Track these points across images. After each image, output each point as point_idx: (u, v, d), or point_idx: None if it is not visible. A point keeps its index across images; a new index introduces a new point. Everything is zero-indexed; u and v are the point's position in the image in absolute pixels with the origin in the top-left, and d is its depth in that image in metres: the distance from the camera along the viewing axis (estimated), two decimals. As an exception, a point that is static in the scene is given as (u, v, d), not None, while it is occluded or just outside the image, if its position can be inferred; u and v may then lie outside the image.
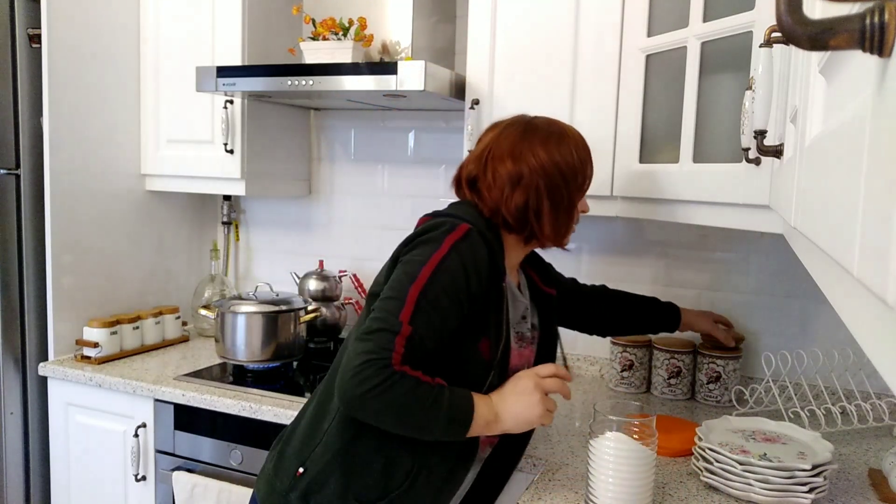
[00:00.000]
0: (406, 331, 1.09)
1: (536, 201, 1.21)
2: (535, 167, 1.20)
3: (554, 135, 1.24)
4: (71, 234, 2.06)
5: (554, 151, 1.22)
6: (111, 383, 1.92)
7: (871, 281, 0.31)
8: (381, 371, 1.06)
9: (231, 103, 2.08)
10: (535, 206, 1.21)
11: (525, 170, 1.21)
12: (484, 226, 1.19)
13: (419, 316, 1.10)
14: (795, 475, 1.22)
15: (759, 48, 0.94)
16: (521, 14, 1.75)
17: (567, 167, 1.23)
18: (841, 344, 1.77)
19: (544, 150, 1.22)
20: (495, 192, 1.22)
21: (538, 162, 1.21)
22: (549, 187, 1.21)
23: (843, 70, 0.46)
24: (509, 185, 1.21)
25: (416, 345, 1.09)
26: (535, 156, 1.21)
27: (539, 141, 1.23)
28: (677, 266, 1.99)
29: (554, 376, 1.21)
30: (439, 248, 1.13)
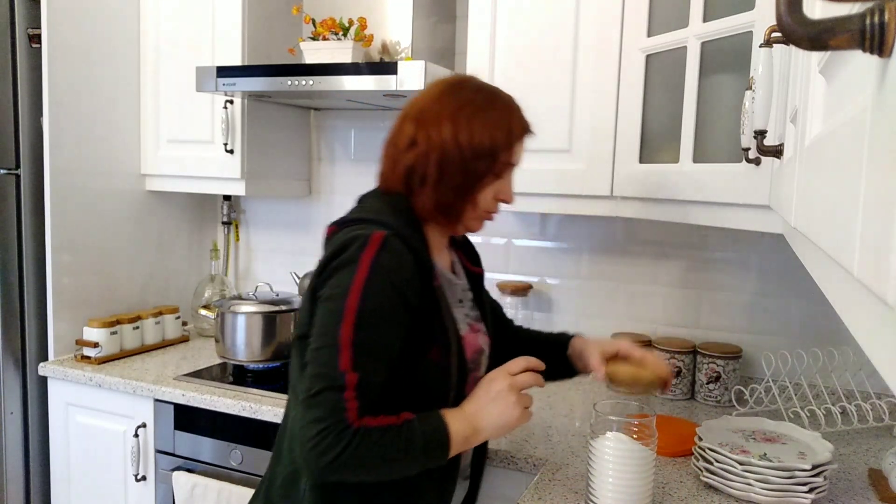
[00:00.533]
0: (352, 380, 0.99)
1: (424, 170, 1.10)
2: (435, 141, 1.09)
3: (472, 105, 1.11)
4: (71, 234, 2.06)
5: (462, 128, 1.09)
6: (111, 383, 1.92)
7: (871, 281, 0.30)
8: (340, 436, 0.97)
9: (231, 103, 2.08)
10: (422, 175, 1.10)
11: (422, 137, 1.10)
12: (401, 221, 1.09)
13: (360, 358, 1.00)
14: (795, 475, 1.22)
15: (759, 48, 0.94)
16: (521, 14, 1.75)
17: (471, 149, 1.09)
18: (841, 344, 1.77)
19: (451, 124, 1.09)
20: (393, 150, 1.14)
21: (438, 137, 1.09)
22: (442, 163, 1.09)
23: (843, 70, 0.46)
24: (405, 145, 1.11)
25: (368, 389, 1.00)
26: (439, 128, 1.09)
27: (451, 111, 1.10)
28: (677, 266, 1.99)
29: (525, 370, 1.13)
30: (358, 272, 1.00)
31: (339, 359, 0.99)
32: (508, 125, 1.13)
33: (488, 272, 2.25)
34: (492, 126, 1.11)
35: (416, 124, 1.11)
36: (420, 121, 1.11)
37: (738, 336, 1.92)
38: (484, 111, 1.11)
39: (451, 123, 1.09)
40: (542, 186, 1.75)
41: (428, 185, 1.10)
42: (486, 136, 1.10)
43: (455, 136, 1.09)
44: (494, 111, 1.12)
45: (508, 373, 1.13)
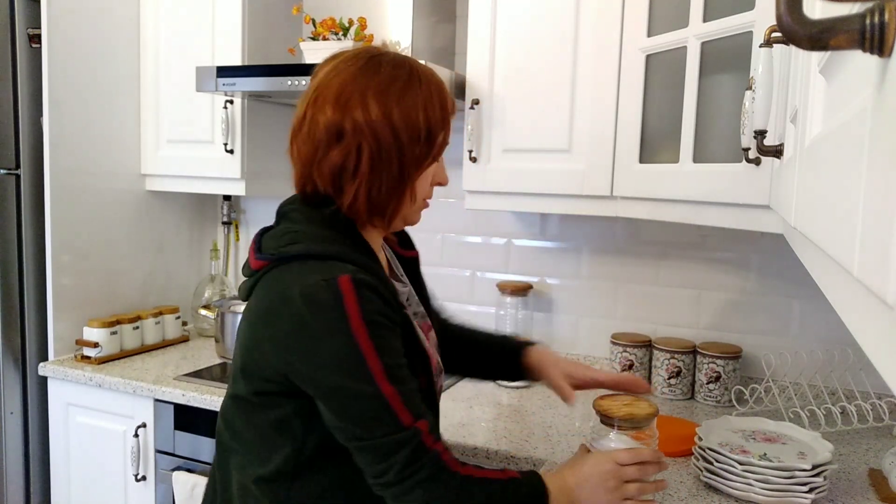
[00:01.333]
0: (423, 425, 0.93)
1: (355, 165, 0.95)
2: (361, 123, 0.93)
3: (399, 80, 0.96)
4: (71, 234, 2.06)
5: (392, 105, 0.94)
6: (111, 383, 1.92)
7: (871, 281, 0.31)
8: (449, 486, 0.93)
9: (231, 103, 2.08)
10: (353, 170, 0.95)
11: (348, 123, 0.94)
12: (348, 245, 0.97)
13: (412, 403, 0.93)
14: (795, 475, 1.22)
15: (759, 48, 0.94)
16: (522, 14, 1.75)
17: (405, 129, 0.95)
18: (841, 344, 1.77)
19: (379, 101, 0.94)
20: (309, 146, 0.97)
21: (366, 116, 0.93)
22: (375, 150, 0.94)
23: (843, 70, 0.46)
24: (327, 137, 0.95)
25: (434, 425, 0.96)
26: (365, 107, 0.94)
27: (375, 87, 0.95)
28: (677, 266, 1.99)
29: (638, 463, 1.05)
30: (351, 328, 0.89)
31: (399, 419, 0.91)
32: (441, 101, 0.99)
33: (489, 272, 2.27)
34: (425, 104, 0.96)
35: (336, 111, 0.94)
36: (341, 106, 0.94)
37: (738, 336, 1.92)
38: (413, 88, 0.96)
39: (380, 105, 0.94)
40: (542, 186, 1.75)
41: (359, 180, 0.95)
42: (420, 115, 0.96)
43: (388, 120, 0.94)
44: (423, 86, 0.97)
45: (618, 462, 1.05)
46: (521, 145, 1.77)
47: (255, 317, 0.97)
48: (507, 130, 1.78)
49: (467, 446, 1.53)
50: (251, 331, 0.97)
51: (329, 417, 0.94)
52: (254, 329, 0.97)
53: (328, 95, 0.96)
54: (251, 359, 0.98)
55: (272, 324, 0.94)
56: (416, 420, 0.92)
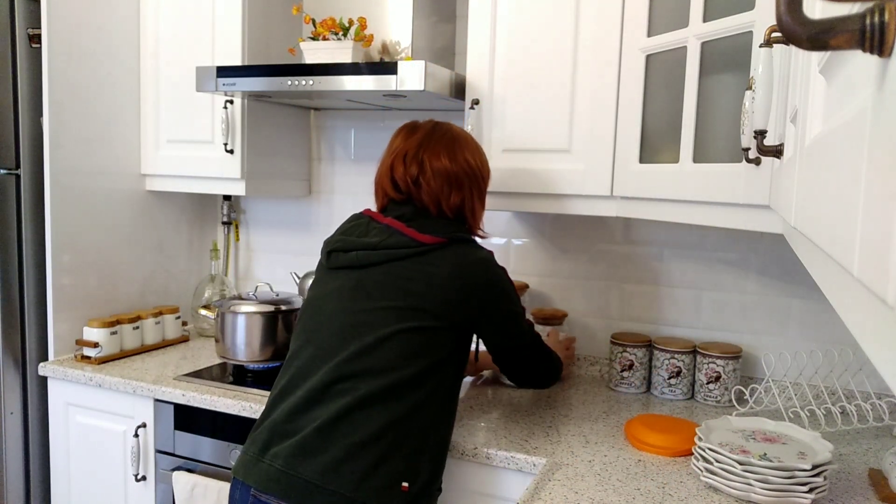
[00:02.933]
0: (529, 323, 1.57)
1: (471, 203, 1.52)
2: (476, 178, 1.52)
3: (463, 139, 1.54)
4: (71, 234, 2.06)
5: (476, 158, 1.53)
6: (111, 383, 1.92)
7: (871, 281, 0.31)
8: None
9: (231, 103, 2.08)
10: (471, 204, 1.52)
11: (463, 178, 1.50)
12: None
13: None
14: (795, 475, 1.22)
15: (759, 48, 0.94)
16: (522, 14, 1.75)
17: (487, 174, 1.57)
18: (841, 344, 1.77)
19: (473, 156, 1.52)
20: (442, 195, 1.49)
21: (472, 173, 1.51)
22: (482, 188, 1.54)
23: (843, 70, 0.46)
24: (452, 186, 1.48)
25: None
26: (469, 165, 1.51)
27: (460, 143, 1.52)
28: (677, 266, 1.99)
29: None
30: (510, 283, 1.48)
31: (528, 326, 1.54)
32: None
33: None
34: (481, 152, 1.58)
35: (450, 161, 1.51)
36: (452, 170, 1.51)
37: (738, 336, 1.92)
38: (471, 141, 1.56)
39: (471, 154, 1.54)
40: (542, 186, 1.75)
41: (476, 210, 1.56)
42: (485, 160, 1.57)
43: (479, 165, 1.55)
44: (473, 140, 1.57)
45: None
46: (521, 145, 1.77)
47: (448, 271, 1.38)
48: (507, 130, 1.78)
49: (467, 446, 1.53)
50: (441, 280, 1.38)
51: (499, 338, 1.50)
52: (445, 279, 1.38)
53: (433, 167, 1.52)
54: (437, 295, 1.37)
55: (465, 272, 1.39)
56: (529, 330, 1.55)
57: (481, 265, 1.41)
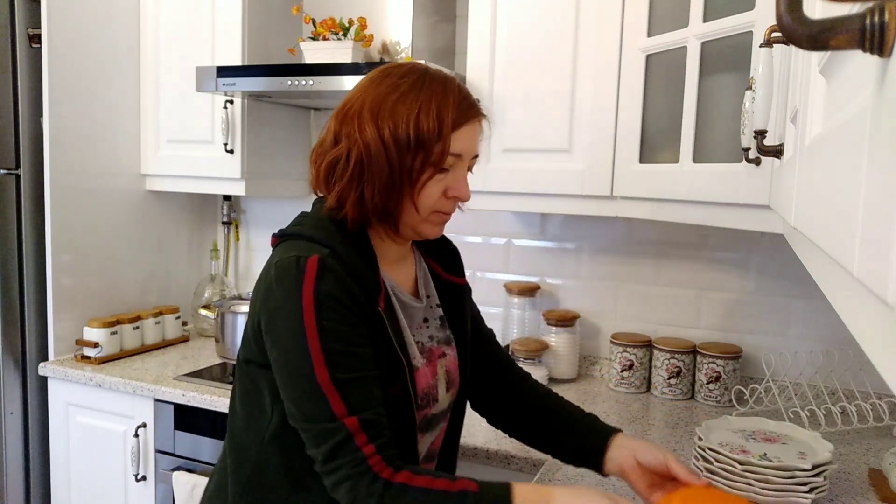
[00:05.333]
0: (353, 424, 0.90)
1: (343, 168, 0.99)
2: (353, 137, 0.97)
3: (397, 90, 0.98)
4: (71, 233, 2.06)
5: (384, 120, 0.96)
6: (111, 383, 1.92)
7: (871, 281, 0.30)
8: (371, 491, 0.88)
9: (231, 103, 2.08)
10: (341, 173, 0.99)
11: (343, 133, 0.99)
12: (339, 238, 0.99)
13: (349, 395, 0.91)
14: (795, 475, 1.22)
15: (759, 48, 0.94)
16: (521, 14, 1.75)
17: (395, 141, 0.96)
18: (841, 344, 1.77)
19: (371, 113, 0.97)
20: (319, 147, 1.04)
21: (359, 129, 0.97)
22: (363, 159, 0.97)
23: (843, 70, 0.46)
24: (329, 145, 1.01)
25: (374, 423, 0.91)
26: (360, 120, 0.97)
27: (372, 101, 0.98)
28: (677, 266, 1.99)
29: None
30: (303, 304, 0.91)
31: (329, 406, 0.90)
32: (439, 112, 0.97)
33: (489, 272, 2.26)
34: (419, 112, 0.96)
35: (338, 120, 1.00)
36: (342, 116, 1.00)
37: (738, 336, 1.92)
38: (409, 97, 0.97)
39: (372, 115, 0.97)
40: (542, 186, 1.75)
41: (350, 184, 0.98)
42: (412, 125, 0.96)
43: (376, 129, 0.96)
44: (422, 96, 0.97)
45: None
46: (521, 145, 1.77)
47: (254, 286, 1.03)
48: (507, 130, 1.78)
49: (467, 446, 1.53)
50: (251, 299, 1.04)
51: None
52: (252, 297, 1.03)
53: (338, 108, 1.02)
54: (246, 325, 1.05)
55: (255, 292, 1.01)
56: (349, 414, 0.90)
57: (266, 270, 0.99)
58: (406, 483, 0.89)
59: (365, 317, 0.96)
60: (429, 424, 1.09)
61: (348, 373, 0.92)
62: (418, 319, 1.10)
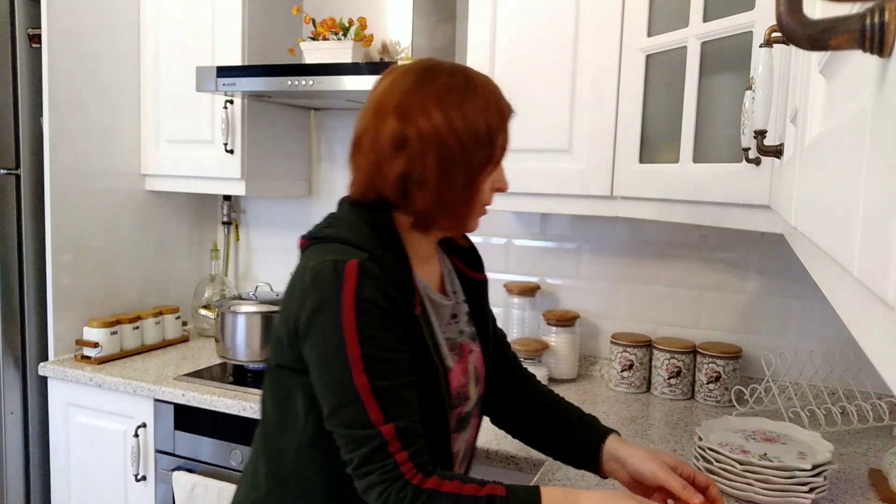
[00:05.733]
0: (389, 432, 0.90)
1: (421, 173, 0.96)
2: (429, 136, 0.95)
3: (456, 88, 0.98)
4: (71, 234, 2.06)
5: (452, 112, 0.96)
6: (111, 383, 1.92)
7: (871, 281, 0.31)
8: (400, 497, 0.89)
9: (231, 103, 2.08)
10: (420, 179, 0.96)
11: (412, 132, 0.95)
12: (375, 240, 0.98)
13: (387, 403, 0.91)
14: (796, 475, 1.22)
15: (759, 48, 0.94)
16: (522, 14, 1.75)
17: (468, 134, 0.96)
18: (841, 344, 1.77)
19: (440, 108, 0.96)
20: (372, 155, 0.98)
21: (430, 124, 0.95)
22: (441, 158, 0.95)
23: (843, 70, 0.46)
24: (391, 146, 0.96)
25: (410, 431, 0.92)
26: (427, 115, 0.95)
27: (435, 95, 0.96)
28: (677, 266, 1.99)
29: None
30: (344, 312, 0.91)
31: (367, 414, 0.91)
32: (497, 105, 1.01)
33: (489, 272, 2.25)
34: (483, 109, 0.98)
35: (399, 120, 0.96)
36: (403, 115, 0.96)
37: (738, 336, 1.92)
38: (470, 94, 0.98)
39: (441, 112, 0.95)
40: (543, 186, 1.75)
41: (429, 187, 0.97)
42: (480, 120, 0.97)
43: (450, 126, 0.95)
44: (479, 92, 0.99)
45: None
46: (521, 145, 1.77)
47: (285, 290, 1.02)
48: (507, 130, 1.78)
49: (467, 446, 1.53)
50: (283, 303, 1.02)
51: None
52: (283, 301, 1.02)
53: (389, 106, 0.98)
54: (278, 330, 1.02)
55: (289, 295, 0.99)
56: (385, 421, 0.91)
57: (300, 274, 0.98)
58: (436, 489, 0.90)
59: (402, 321, 0.96)
60: (462, 423, 1.10)
61: (387, 380, 0.92)
62: (447, 316, 1.11)
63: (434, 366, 1.00)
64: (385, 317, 0.93)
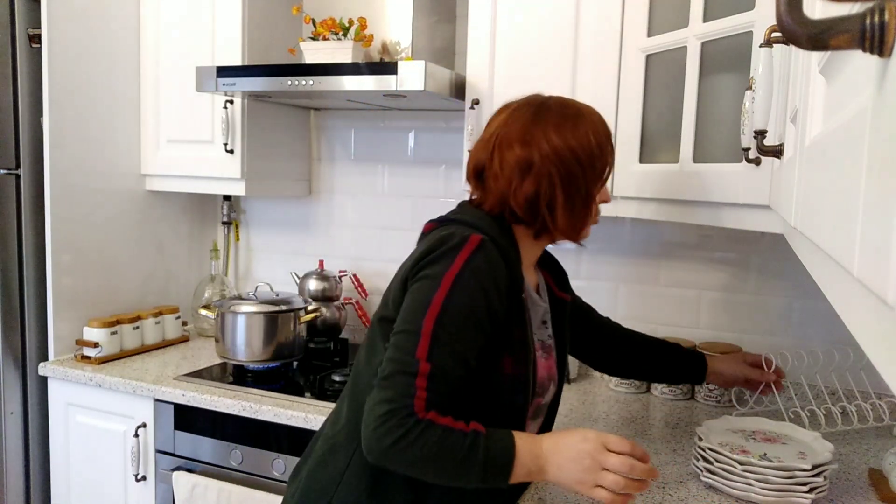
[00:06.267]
0: (425, 369, 0.99)
1: (549, 191, 1.10)
2: (548, 153, 1.09)
3: (570, 117, 1.12)
4: (71, 234, 2.06)
5: (569, 135, 1.10)
6: (111, 383, 1.92)
7: (871, 281, 0.31)
8: (404, 421, 0.97)
9: (231, 103, 2.08)
10: (548, 196, 1.10)
11: (536, 156, 1.09)
12: (497, 231, 1.10)
13: (438, 349, 1.00)
14: (795, 475, 1.22)
15: (759, 48, 0.94)
16: (522, 14, 1.75)
17: (584, 153, 1.11)
18: (841, 344, 1.77)
19: (557, 134, 1.10)
20: (502, 181, 1.11)
21: (551, 147, 1.09)
22: (564, 175, 1.10)
23: (843, 70, 0.46)
24: (518, 172, 1.10)
25: (440, 381, 1.00)
26: (548, 140, 1.10)
27: (552, 124, 1.11)
28: (678, 266, 1.99)
29: (626, 454, 1.02)
30: (451, 267, 1.02)
31: (417, 346, 1.00)
32: (602, 126, 1.15)
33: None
34: (594, 132, 1.13)
35: (524, 148, 1.10)
36: (527, 143, 1.10)
37: (738, 336, 1.92)
38: (581, 120, 1.13)
39: (559, 136, 1.10)
40: (542, 186, 1.75)
41: (557, 205, 1.10)
42: (591, 140, 1.12)
43: (568, 146, 1.10)
44: (584, 117, 1.14)
45: (604, 445, 1.02)
46: (521, 145, 1.77)
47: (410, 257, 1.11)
48: (507, 130, 1.78)
49: (467, 446, 1.52)
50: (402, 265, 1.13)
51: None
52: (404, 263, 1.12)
53: (512, 137, 1.12)
54: (392, 283, 1.13)
55: (409, 258, 1.10)
56: (427, 360, 1.00)
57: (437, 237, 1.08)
58: (433, 420, 0.99)
59: (504, 303, 1.06)
60: (537, 412, 1.20)
61: (448, 334, 1.01)
62: (538, 320, 1.21)
63: (530, 346, 1.11)
64: (482, 289, 1.03)
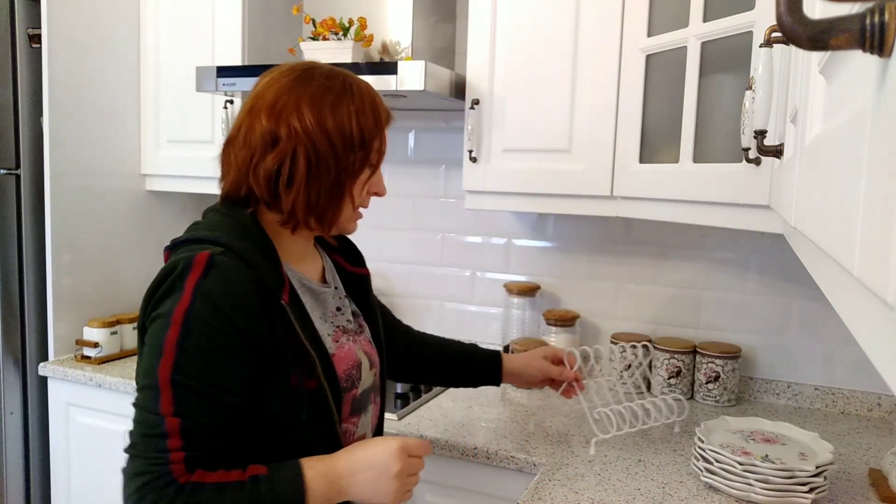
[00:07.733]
0: (173, 426, 0.87)
1: (291, 171, 0.97)
2: (296, 130, 0.96)
3: (332, 92, 0.99)
4: (71, 234, 2.06)
5: (326, 113, 0.98)
6: (111, 383, 1.92)
7: (871, 281, 0.31)
8: (163, 493, 0.85)
9: (231, 103, 2.08)
10: (289, 176, 0.97)
11: (283, 131, 0.96)
12: (240, 232, 0.98)
13: (183, 399, 0.88)
14: (796, 475, 1.22)
15: (759, 48, 0.94)
16: (521, 14, 1.75)
17: (339, 137, 0.98)
18: (841, 344, 1.77)
19: (312, 109, 0.97)
20: (245, 152, 0.99)
21: (301, 124, 0.96)
22: (311, 157, 0.97)
23: (843, 70, 0.46)
24: (261, 146, 0.97)
25: (197, 434, 0.88)
26: (300, 116, 0.97)
27: (309, 96, 0.98)
28: (676, 266, 1.99)
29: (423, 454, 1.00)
30: (181, 301, 0.90)
31: (159, 402, 0.87)
32: (374, 110, 1.02)
33: (489, 272, 2.26)
34: (358, 112, 1.00)
35: (271, 118, 0.97)
36: (276, 114, 0.97)
37: (738, 336, 1.92)
38: (345, 97, 1.00)
39: (314, 113, 0.97)
40: (542, 186, 1.75)
41: (297, 186, 0.97)
42: (354, 123, 0.99)
43: (321, 126, 0.97)
44: (356, 96, 1.01)
45: (406, 452, 0.98)
46: (521, 145, 1.77)
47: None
48: (507, 130, 1.78)
49: (467, 446, 1.53)
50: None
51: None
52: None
53: (263, 105, 0.99)
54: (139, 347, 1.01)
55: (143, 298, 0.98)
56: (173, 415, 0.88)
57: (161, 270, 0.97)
58: (199, 481, 0.87)
59: (257, 314, 0.93)
60: (359, 406, 1.10)
61: (192, 378, 0.89)
62: (332, 307, 1.12)
63: (308, 355, 0.97)
64: (220, 313, 0.90)
